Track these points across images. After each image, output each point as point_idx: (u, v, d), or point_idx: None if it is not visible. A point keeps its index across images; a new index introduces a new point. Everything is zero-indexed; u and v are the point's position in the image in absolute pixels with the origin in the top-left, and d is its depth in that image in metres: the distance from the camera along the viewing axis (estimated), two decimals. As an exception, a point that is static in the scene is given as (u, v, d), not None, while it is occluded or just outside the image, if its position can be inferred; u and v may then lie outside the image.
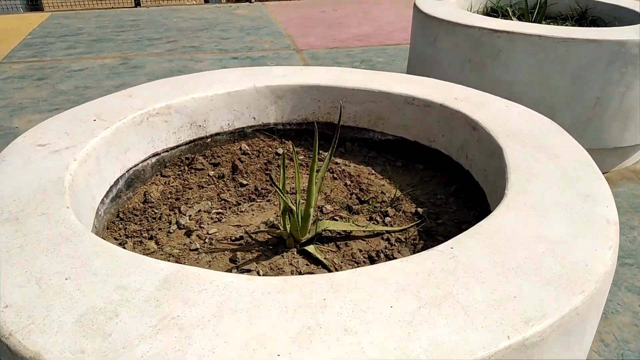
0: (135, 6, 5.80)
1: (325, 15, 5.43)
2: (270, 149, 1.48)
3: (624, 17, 2.62)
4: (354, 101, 1.52)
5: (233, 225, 1.14)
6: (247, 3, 5.94)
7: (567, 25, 2.64)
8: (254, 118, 1.52)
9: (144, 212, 1.18)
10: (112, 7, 5.77)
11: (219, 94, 1.42)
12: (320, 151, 1.50)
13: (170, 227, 1.13)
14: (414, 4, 2.64)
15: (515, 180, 0.98)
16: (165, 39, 4.39)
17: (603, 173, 2.35)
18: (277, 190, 0.95)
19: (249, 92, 1.48)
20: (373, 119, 1.51)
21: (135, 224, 1.14)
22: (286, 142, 1.52)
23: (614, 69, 2.07)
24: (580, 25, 2.72)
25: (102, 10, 5.61)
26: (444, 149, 1.37)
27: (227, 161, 1.40)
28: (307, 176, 1.10)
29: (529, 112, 1.33)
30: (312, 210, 1.02)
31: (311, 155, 1.31)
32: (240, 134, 1.49)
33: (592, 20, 2.78)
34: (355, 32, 4.77)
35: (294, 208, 1.00)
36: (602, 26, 2.71)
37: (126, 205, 1.20)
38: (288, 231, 1.04)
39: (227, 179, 1.33)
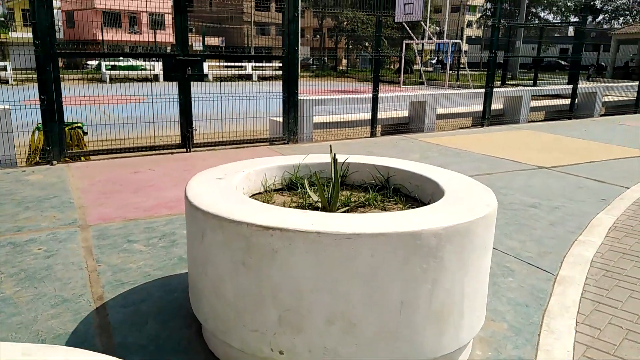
0: None
1: (138, 176, 4.83)
2: None
3: (424, 185, 2.38)
4: None
5: None
6: (48, 166, 5.15)
7: (367, 198, 2.32)
8: None
9: None
10: None
11: None
12: None
13: None
14: (186, 186, 2.13)
15: None
16: None
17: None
18: None
19: None
20: None
21: None
22: None
23: (413, 265, 1.67)
24: (384, 195, 2.42)
25: None
26: None
27: None
28: None
29: None
30: None
31: None
32: None
33: (395, 189, 2.51)
34: (167, 196, 4.20)
35: None
36: (404, 195, 2.44)
37: None
38: None
39: None
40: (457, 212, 1.81)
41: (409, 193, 2.46)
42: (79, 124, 5.71)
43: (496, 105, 9.67)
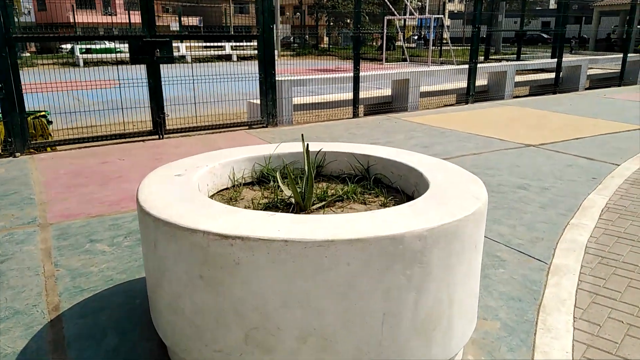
0: None
1: (106, 167, 4.55)
2: None
3: (407, 175, 2.17)
4: None
5: None
6: (10, 158, 4.83)
7: (345, 191, 2.10)
8: None
9: None
10: None
11: None
12: None
13: None
14: (138, 186, 1.89)
15: None
16: None
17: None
18: None
19: None
20: None
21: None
22: None
23: (396, 273, 1.46)
24: (364, 187, 2.20)
25: None
26: None
27: None
28: None
29: None
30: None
31: None
32: None
33: (376, 179, 2.30)
34: (135, 188, 3.92)
35: None
36: (386, 186, 2.23)
37: None
38: None
39: None
40: (443, 209, 1.60)
41: (391, 184, 2.25)
42: (43, 112, 5.38)
43: (480, 81, 9.47)
